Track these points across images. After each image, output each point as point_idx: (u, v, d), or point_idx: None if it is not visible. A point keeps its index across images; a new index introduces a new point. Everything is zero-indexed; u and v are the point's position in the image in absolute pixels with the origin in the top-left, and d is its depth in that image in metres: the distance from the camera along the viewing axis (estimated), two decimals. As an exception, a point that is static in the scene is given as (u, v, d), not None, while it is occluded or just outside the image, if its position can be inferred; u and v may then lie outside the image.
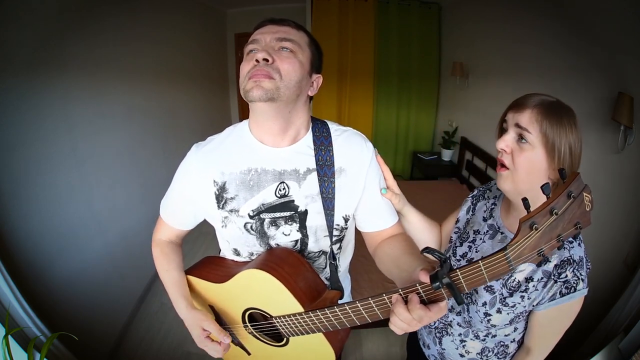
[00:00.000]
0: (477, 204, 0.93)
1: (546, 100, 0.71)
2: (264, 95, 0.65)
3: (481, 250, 0.85)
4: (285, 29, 0.71)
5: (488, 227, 0.86)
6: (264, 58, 0.66)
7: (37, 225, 1.42)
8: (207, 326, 0.78)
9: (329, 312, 0.65)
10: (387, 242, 0.83)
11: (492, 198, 0.90)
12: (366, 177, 0.81)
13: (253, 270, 0.73)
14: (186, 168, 0.80)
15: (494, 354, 0.88)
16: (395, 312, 0.55)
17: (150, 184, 2.33)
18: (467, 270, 0.49)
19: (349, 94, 3.85)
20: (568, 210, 0.45)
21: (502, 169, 0.75)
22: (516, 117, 0.72)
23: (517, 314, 0.79)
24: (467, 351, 0.90)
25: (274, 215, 0.77)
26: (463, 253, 0.89)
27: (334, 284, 0.81)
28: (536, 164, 0.70)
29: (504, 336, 0.86)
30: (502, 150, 0.74)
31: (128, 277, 2.10)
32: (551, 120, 0.68)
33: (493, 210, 0.87)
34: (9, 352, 1.01)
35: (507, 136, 0.73)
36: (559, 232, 0.46)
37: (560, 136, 0.68)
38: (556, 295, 0.72)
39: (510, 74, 2.49)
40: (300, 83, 0.70)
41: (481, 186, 0.98)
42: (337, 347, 0.75)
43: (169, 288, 0.85)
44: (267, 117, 0.72)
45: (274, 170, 0.76)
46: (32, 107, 1.40)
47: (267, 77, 0.65)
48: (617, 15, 1.48)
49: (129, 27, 2.10)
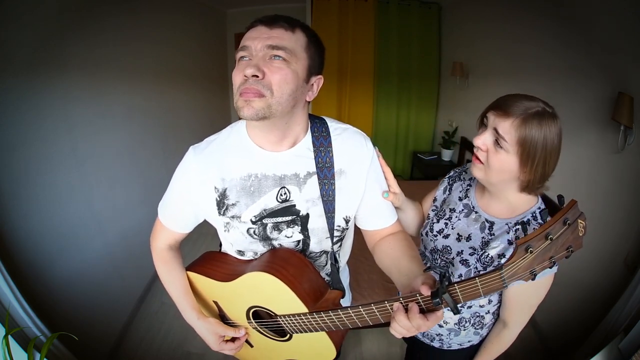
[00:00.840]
0: (453, 184, 1.00)
1: (529, 112, 0.71)
2: (254, 115, 0.63)
3: (457, 227, 0.91)
4: (277, 32, 0.65)
5: (463, 206, 0.92)
6: (253, 74, 0.62)
7: (37, 225, 1.42)
8: (223, 331, 0.84)
9: (333, 315, 0.67)
10: (387, 240, 0.84)
11: (467, 179, 0.97)
12: (367, 178, 0.80)
13: (258, 273, 0.74)
14: (185, 171, 0.78)
15: (471, 324, 0.94)
16: (396, 319, 0.58)
17: (150, 184, 2.33)
18: (465, 286, 0.53)
19: (349, 94, 3.85)
20: (562, 235, 0.48)
21: (477, 162, 0.80)
22: (497, 121, 0.74)
23: None
24: (445, 322, 0.96)
25: (276, 220, 0.77)
26: (439, 229, 0.95)
27: (335, 284, 0.81)
28: (508, 166, 0.75)
29: (479, 307, 0.92)
30: (479, 148, 0.78)
31: (128, 277, 2.10)
32: (530, 133, 0.70)
33: (468, 191, 0.94)
34: (9, 352, 1.01)
35: (485, 135, 0.77)
36: (552, 255, 0.49)
37: (536, 148, 0.71)
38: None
39: (510, 74, 2.49)
40: (295, 94, 0.66)
41: (458, 168, 1.04)
42: (338, 342, 0.79)
43: (176, 300, 0.86)
44: (262, 130, 0.71)
45: (274, 175, 0.75)
46: (32, 107, 1.40)
47: (257, 95, 0.62)
48: (617, 15, 1.48)
49: (129, 27, 2.10)
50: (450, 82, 3.55)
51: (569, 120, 1.81)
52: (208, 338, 0.84)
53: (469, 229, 0.88)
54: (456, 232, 0.90)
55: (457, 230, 0.90)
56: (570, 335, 1.57)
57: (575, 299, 1.64)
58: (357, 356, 1.91)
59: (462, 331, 0.95)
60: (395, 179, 0.89)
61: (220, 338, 0.84)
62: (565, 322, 1.70)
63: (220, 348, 0.84)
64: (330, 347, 0.78)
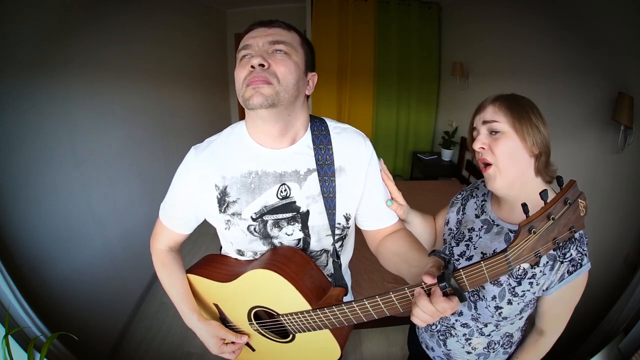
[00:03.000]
0: (466, 204, 0.95)
1: (502, 94, 0.79)
2: (265, 102, 0.65)
3: (479, 246, 0.86)
4: (276, 30, 0.70)
5: (482, 223, 0.88)
6: (259, 63, 0.65)
7: (37, 225, 1.42)
8: (224, 335, 0.83)
9: (337, 310, 0.66)
10: (390, 239, 0.84)
11: (481, 195, 0.93)
12: (366, 176, 0.81)
13: (260, 270, 0.73)
14: (186, 171, 0.79)
15: (500, 345, 0.90)
16: (419, 304, 0.55)
17: (150, 184, 2.33)
18: (470, 270, 0.52)
19: (349, 94, 3.84)
20: (564, 215, 0.48)
21: (487, 168, 0.78)
22: (481, 116, 0.79)
23: (526, 302, 0.80)
24: (473, 348, 0.92)
25: (276, 217, 0.78)
26: (461, 252, 0.90)
27: (338, 281, 0.81)
28: (514, 148, 0.75)
29: (510, 325, 0.87)
30: (480, 150, 0.78)
31: (128, 277, 2.10)
32: (512, 106, 0.75)
33: (484, 206, 0.90)
34: (9, 352, 1.01)
35: (480, 136, 0.79)
36: (555, 236, 0.49)
37: (523, 117, 0.74)
38: (564, 275, 0.74)
39: (510, 74, 2.49)
40: (298, 84, 0.69)
41: (467, 187, 1.00)
42: (342, 341, 0.77)
43: (176, 302, 0.86)
44: (266, 122, 0.71)
45: (274, 172, 0.76)
46: (32, 107, 1.40)
47: (266, 82, 0.65)
48: (617, 15, 1.48)
49: (129, 27, 2.10)
50: (450, 82, 3.55)
51: (569, 120, 1.81)
52: (208, 341, 0.84)
53: (493, 244, 0.83)
54: (479, 252, 0.86)
55: (479, 249, 0.86)
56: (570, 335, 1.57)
57: (575, 299, 1.63)
58: (357, 356, 1.91)
59: (491, 353, 0.92)
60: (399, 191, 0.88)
61: (221, 341, 0.84)
62: (565, 322, 1.69)
63: (220, 351, 0.83)
64: (334, 346, 0.76)
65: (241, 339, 0.85)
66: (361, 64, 3.72)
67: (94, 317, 1.71)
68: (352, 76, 3.77)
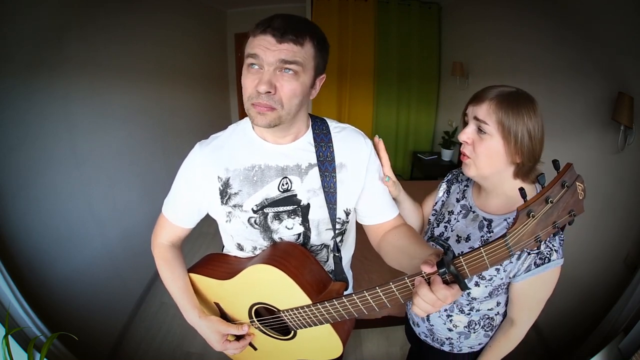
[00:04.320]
0: (451, 187, 1.00)
1: (504, 92, 0.75)
2: (267, 125, 0.69)
3: (456, 229, 0.90)
4: (287, 46, 0.65)
5: (461, 207, 0.92)
6: (266, 91, 0.65)
7: (37, 225, 1.42)
8: (225, 330, 0.83)
9: (338, 304, 0.66)
10: (391, 233, 0.84)
11: (464, 180, 0.97)
12: (366, 172, 0.83)
13: (260, 265, 0.73)
14: (191, 166, 0.81)
15: (481, 326, 0.93)
16: (420, 293, 0.55)
17: (150, 184, 2.33)
18: (470, 257, 0.52)
19: (349, 94, 3.85)
20: (562, 198, 0.48)
21: (465, 158, 0.81)
22: (475, 110, 0.77)
23: (495, 287, 0.83)
24: (454, 325, 0.94)
25: (277, 210, 0.79)
26: (440, 233, 0.94)
27: (338, 275, 0.82)
28: (495, 151, 0.76)
29: (488, 310, 0.90)
30: (464, 142, 0.80)
31: (128, 277, 2.10)
32: (507, 110, 0.73)
33: (465, 192, 0.94)
34: (9, 352, 1.01)
35: (467, 129, 0.80)
36: (554, 219, 0.49)
37: (517, 124, 0.73)
38: (531, 266, 0.76)
39: (510, 74, 2.49)
40: (302, 102, 0.72)
41: (455, 170, 1.03)
42: (344, 337, 0.77)
43: (177, 298, 0.85)
44: (267, 131, 0.76)
45: (276, 166, 0.78)
46: (32, 107, 1.40)
47: (269, 109, 0.67)
48: (617, 16, 1.48)
49: (129, 27, 2.10)
50: (450, 82, 3.55)
51: (569, 120, 1.81)
52: (211, 337, 0.83)
53: (468, 229, 0.88)
54: (455, 234, 0.90)
55: (456, 232, 0.90)
56: (570, 335, 1.57)
57: (575, 299, 1.64)
58: (357, 356, 1.91)
59: (472, 334, 0.94)
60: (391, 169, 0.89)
61: (224, 337, 0.83)
62: (565, 322, 1.70)
63: (224, 348, 0.83)
64: (336, 342, 0.76)
65: (242, 329, 0.84)
66: (361, 64, 3.72)
67: (94, 317, 1.71)
68: (352, 76, 3.77)
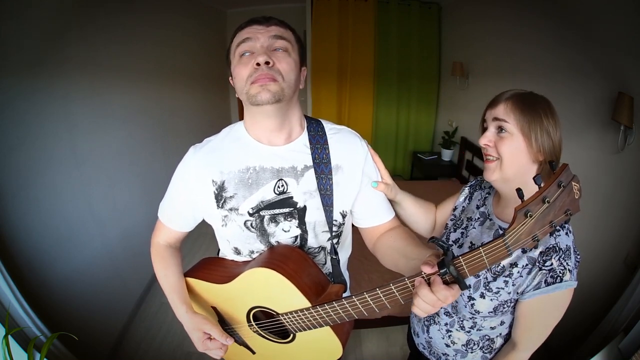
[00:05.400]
0: (474, 193, 0.97)
1: (519, 93, 0.77)
2: (272, 98, 0.67)
3: (470, 236, 0.88)
4: (274, 28, 0.71)
5: (480, 214, 0.90)
6: (266, 61, 0.66)
7: (37, 225, 1.42)
8: (209, 329, 0.78)
9: (337, 306, 0.66)
10: (387, 235, 0.84)
11: (487, 188, 0.95)
12: (362, 174, 0.82)
13: (258, 269, 0.73)
14: (185, 170, 0.80)
15: (479, 347, 0.90)
16: (420, 294, 0.55)
17: (150, 184, 2.33)
18: (469, 257, 0.53)
19: (349, 94, 3.84)
20: (559, 198, 0.49)
21: (489, 162, 0.80)
22: (493, 112, 0.78)
23: (501, 302, 0.79)
24: (452, 341, 0.92)
25: (273, 212, 0.78)
26: (456, 239, 0.92)
27: (336, 277, 0.82)
28: (518, 150, 0.75)
29: (490, 329, 0.86)
30: (486, 146, 0.80)
31: (128, 277, 2.10)
32: (524, 109, 0.74)
33: (486, 199, 0.92)
34: (9, 352, 1.01)
35: (487, 132, 0.79)
36: (551, 219, 0.50)
37: (535, 122, 0.73)
38: (541, 284, 0.73)
39: (510, 74, 2.49)
40: (297, 80, 0.73)
41: (480, 176, 1.01)
42: (344, 339, 0.77)
43: (168, 293, 0.85)
44: (269, 116, 0.73)
45: (272, 168, 0.77)
46: (32, 107, 1.40)
47: (272, 79, 0.67)
48: (617, 16, 1.48)
49: (129, 27, 2.10)
50: (450, 82, 3.55)
51: (569, 120, 1.81)
52: (193, 335, 0.79)
53: (482, 236, 0.85)
54: (469, 241, 0.88)
55: (470, 239, 0.88)
56: (570, 335, 1.57)
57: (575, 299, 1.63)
58: (357, 356, 1.91)
59: (469, 354, 0.91)
60: (387, 171, 0.89)
61: (205, 335, 0.78)
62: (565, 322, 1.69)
63: (204, 347, 0.78)
64: (336, 344, 0.76)
65: (226, 340, 0.78)
66: (361, 64, 3.72)
67: (94, 317, 1.71)
68: (352, 76, 3.77)
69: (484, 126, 0.82)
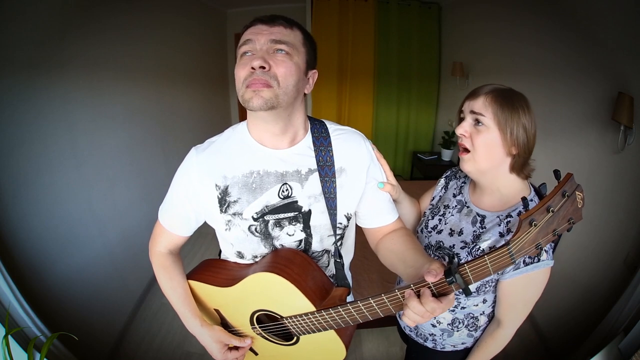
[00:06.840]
0: (449, 183, 1.02)
1: (498, 88, 0.80)
2: (264, 105, 0.65)
3: (449, 223, 0.92)
4: (278, 29, 0.68)
5: (457, 202, 0.95)
6: (260, 65, 0.64)
7: (37, 225, 1.42)
8: (227, 340, 0.82)
9: (342, 310, 0.67)
10: (389, 237, 0.84)
11: (462, 177, 1.00)
12: (367, 176, 0.82)
13: (263, 274, 0.72)
14: (186, 172, 0.78)
15: (464, 325, 0.93)
16: (409, 305, 0.57)
17: (150, 184, 2.33)
18: (474, 265, 0.54)
19: (349, 94, 3.85)
20: (563, 207, 0.50)
21: (464, 153, 0.83)
22: (471, 104, 0.81)
23: (482, 282, 0.84)
24: (438, 321, 0.96)
25: (277, 217, 0.77)
26: (434, 225, 0.96)
27: (340, 281, 0.81)
28: (493, 143, 0.78)
29: (473, 307, 0.90)
30: (462, 135, 0.82)
31: (128, 277, 2.10)
32: (502, 104, 0.76)
33: (462, 188, 0.96)
34: (9, 352, 1.01)
35: (464, 123, 0.82)
36: (555, 227, 0.51)
37: (512, 117, 0.76)
38: (520, 265, 0.77)
39: (510, 74, 2.49)
40: (297, 85, 0.69)
41: (454, 167, 1.05)
42: (347, 341, 0.78)
43: (177, 306, 0.84)
44: (267, 121, 0.72)
45: (276, 172, 0.76)
46: (32, 107, 1.40)
47: (265, 85, 0.64)
48: (617, 15, 1.48)
49: (129, 27, 2.10)
50: (450, 82, 3.55)
51: (569, 120, 1.81)
52: (212, 347, 0.82)
53: (461, 223, 0.89)
54: (449, 227, 0.91)
55: (449, 225, 0.92)
56: (570, 335, 1.57)
57: (575, 299, 1.64)
58: (357, 356, 1.91)
59: (455, 332, 0.94)
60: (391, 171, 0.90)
61: (225, 347, 0.82)
62: (565, 322, 1.69)
63: (224, 357, 0.82)
64: (339, 346, 0.76)
65: (245, 342, 0.83)
66: (361, 64, 3.72)
67: (94, 317, 1.71)
68: (352, 76, 3.77)
69: (460, 116, 0.85)
